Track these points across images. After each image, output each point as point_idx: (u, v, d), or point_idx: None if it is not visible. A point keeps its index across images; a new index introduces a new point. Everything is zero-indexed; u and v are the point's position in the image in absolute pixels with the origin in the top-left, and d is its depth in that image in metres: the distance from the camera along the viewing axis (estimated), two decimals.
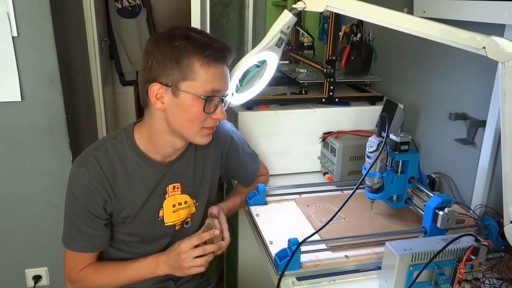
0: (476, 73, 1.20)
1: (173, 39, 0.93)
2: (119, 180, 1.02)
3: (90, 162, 1.00)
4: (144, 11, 3.53)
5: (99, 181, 0.99)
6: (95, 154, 1.01)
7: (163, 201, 1.09)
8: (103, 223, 1.03)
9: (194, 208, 1.14)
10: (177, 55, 0.92)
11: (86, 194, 0.99)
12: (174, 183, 1.09)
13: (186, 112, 0.96)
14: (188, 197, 1.12)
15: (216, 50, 0.94)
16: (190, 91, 0.94)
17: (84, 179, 0.99)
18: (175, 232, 1.13)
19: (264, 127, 1.41)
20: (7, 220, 1.71)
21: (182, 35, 0.94)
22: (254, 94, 1.19)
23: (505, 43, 0.77)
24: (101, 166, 1.00)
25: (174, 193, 1.10)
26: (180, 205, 1.11)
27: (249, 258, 1.58)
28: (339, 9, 0.94)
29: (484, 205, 1.16)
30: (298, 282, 0.94)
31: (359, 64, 1.54)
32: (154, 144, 1.03)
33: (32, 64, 1.55)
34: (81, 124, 2.22)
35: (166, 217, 1.10)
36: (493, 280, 0.94)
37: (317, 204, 1.24)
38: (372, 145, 1.04)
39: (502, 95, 0.79)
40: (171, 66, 0.93)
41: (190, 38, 0.93)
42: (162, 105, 0.96)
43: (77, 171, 0.99)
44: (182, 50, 0.92)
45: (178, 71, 0.93)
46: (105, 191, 1.00)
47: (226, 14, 2.68)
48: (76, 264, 1.06)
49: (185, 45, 0.92)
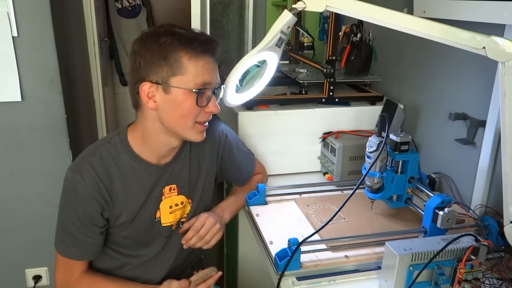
0: (476, 73, 1.20)
1: (159, 36, 0.93)
2: (116, 185, 1.01)
3: (85, 169, 0.98)
4: (144, 11, 3.52)
5: (95, 188, 0.98)
6: (90, 160, 0.99)
7: (160, 203, 1.08)
8: (99, 231, 1.02)
9: (189, 207, 1.14)
10: (164, 51, 0.92)
11: (82, 201, 0.98)
12: (171, 184, 1.09)
13: (179, 108, 0.96)
14: (184, 197, 1.12)
15: (202, 42, 0.94)
16: (181, 86, 0.94)
17: (80, 187, 0.97)
18: (171, 232, 1.13)
19: (264, 127, 1.41)
20: (7, 220, 1.71)
21: (167, 31, 0.94)
22: (254, 94, 1.19)
23: (505, 43, 0.76)
24: (97, 173, 0.99)
25: (170, 194, 1.09)
26: (177, 206, 1.11)
27: (249, 258, 1.58)
28: (339, 9, 0.94)
29: (484, 205, 1.16)
30: (298, 282, 0.94)
31: (359, 64, 1.54)
32: (149, 145, 1.03)
33: (32, 64, 1.55)
34: (81, 124, 2.22)
35: (163, 218, 1.10)
36: (493, 280, 0.94)
37: (317, 204, 1.24)
38: (372, 145, 1.04)
39: (502, 95, 0.79)
40: (159, 64, 0.93)
41: (175, 34, 0.93)
42: (154, 104, 0.96)
43: (73, 179, 0.98)
44: (168, 46, 0.92)
45: (167, 67, 0.93)
46: (102, 197, 0.99)
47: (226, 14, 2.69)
48: (67, 271, 1.05)
49: (171, 41, 0.92)
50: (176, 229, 1.14)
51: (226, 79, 1.08)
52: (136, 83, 0.96)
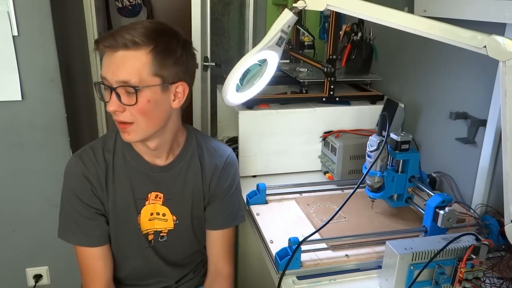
0: (476, 72, 1.20)
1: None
2: (109, 170, 1.03)
3: (86, 152, 1.03)
4: (144, 10, 3.52)
5: (91, 171, 1.01)
6: (92, 144, 1.04)
7: (142, 207, 1.07)
8: (95, 211, 1.03)
9: (173, 225, 1.10)
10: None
11: (78, 182, 1.01)
12: (158, 192, 1.07)
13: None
14: (168, 210, 1.09)
15: (104, 38, 0.90)
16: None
17: (77, 169, 1.01)
18: (148, 243, 1.10)
19: (265, 126, 1.41)
20: (7, 219, 1.71)
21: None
22: (255, 93, 1.19)
23: (506, 42, 0.76)
24: (96, 155, 1.02)
25: (155, 201, 1.07)
26: (158, 215, 1.09)
27: (250, 257, 1.58)
28: (339, 8, 0.93)
29: (484, 204, 1.16)
30: (299, 281, 0.94)
31: (359, 63, 1.54)
32: (136, 145, 1.05)
33: (33, 63, 1.55)
34: (82, 123, 2.22)
35: (142, 225, 1.08)
36: (494, 279, 0.94)
37: (317, 203, 1.24)
38: (372, 144, 1.04)
39: (502, 94, 0.79)
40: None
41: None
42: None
43: (71, 162, 1.03)
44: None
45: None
46: (96, 179, 1.02)
47: (226, 13, 2.69)
48: (90, 273, 1.06)
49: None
50: (156, 242, 1.11)
51: (227, 78, 1.08)
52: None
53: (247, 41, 2.63)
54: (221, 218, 1.13)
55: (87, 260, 1.06)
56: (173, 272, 1.17)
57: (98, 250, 1.05)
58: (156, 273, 1.15)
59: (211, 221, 1.13)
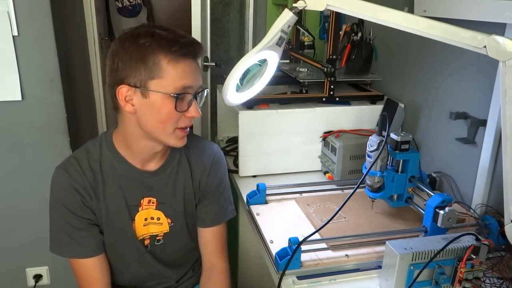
0: (476, 72, 1.20)
1: (138, 37, 0.90)
2: (98, 179, 1.01)
3: (70, 163, 1.00)
4: (144, 10, 3.53)
5: (79, 182, 0.98)
6: (75, 155, 1.01)
7: (136, 214, 1.06)
8: (87, 222, 1.01)
9: (168, 228, 1.10)
10: (143, 53, 0.89)
11: (67, 194, 0.98)
12: (150, 197, 1.06)
13: (157, 113, 0.92)
14: (162, 214, 1.08)
15: (183, 45, 0.90)
16: (159, 89, 0.90)
17: (63, 181, 0.98)
18: (145, 248, 1.10)
19: (265, 126, 1.41)
20: (7, 219, 1.71)
21: (147, 32, 0.90)
22: (255, 93, 1.19)
23: (506, 42, 0.76)
24: (81, 166, 0.99)
25: (148, 207, 1.06)
26: (152, 219, 1.08)
27: (250, 257, 1.58)
28: (339, 8, 0.93)
29: (484, 204, 1.16)
30: (299, 281, 0.94)
31: (359, 63, 1.54)
32: (131, 149, 1.01)
33: (33, 63, 1.55)
34: (82, 123, 2.22)
35: (138, 231, 1.07)
36: (494, 279, 0.94)
37: (317, 203, 1.24)
38: (372, 144, 1.04)
39: (502, 94, 0.79)
40: (137, 66, 0.89)
41: (155, 35, 0.90)
42: (132, 108, 0.93)
43: (57, 174, 1.00)
44: (147, 48, 0.89)
45: (145, 71, 0.89)
46: (85, 190, 0.99)
47: (226, 13, 2.69)
48: (88, 284, 1.04)
49: (150, 43, 0.89)
50: (152, 246, 1.10)
51: (227, 78, 1.08)
52: (114, 85, 0.92)
53: (247, 41, 2.63)
54: (213, 214, 1.13)
55: (84, 271, 1.04)
56: (172, 273, 1.17)
57: (94, 260, 1.04)
58: (156, 276, 1.15)
59: (203, 219, 1.13)
